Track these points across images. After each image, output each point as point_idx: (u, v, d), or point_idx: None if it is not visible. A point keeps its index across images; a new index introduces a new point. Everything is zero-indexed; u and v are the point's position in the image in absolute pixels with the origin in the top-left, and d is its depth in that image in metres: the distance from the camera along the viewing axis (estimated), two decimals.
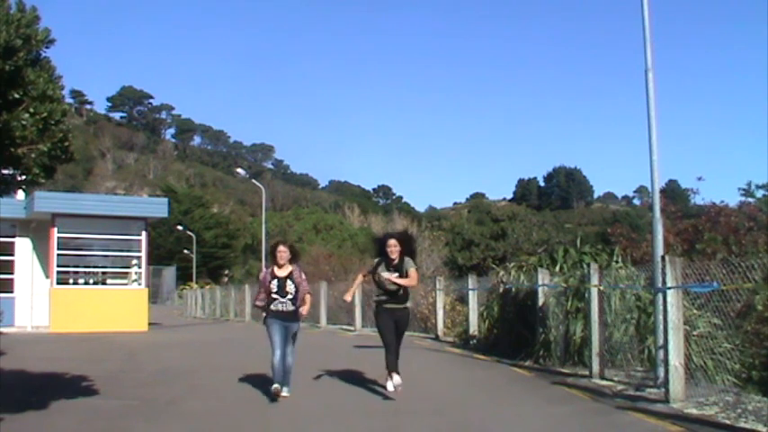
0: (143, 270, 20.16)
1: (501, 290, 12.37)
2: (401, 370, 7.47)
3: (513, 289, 11.88)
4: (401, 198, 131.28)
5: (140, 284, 20.20)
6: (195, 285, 50.87)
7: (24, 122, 5.44)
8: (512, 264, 12.95)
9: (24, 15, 5.44)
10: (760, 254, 9.42)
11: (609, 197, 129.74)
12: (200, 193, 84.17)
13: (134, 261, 20.46)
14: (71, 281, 20.08)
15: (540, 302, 10.50)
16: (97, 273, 20.83)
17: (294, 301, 7.59)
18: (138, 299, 19.95)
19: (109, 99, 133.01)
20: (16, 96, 5.45)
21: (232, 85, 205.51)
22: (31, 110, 5.49)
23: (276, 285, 7.60)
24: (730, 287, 7.05)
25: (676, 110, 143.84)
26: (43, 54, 5.72)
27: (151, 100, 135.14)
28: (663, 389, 7.08)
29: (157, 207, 21.81)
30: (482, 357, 11.61)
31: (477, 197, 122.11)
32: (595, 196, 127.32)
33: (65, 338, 16.17)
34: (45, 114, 5.53)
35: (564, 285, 10.37)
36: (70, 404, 7.25)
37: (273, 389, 7.21)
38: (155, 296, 43.79)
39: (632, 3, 8.11)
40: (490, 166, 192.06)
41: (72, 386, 8.36)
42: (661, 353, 7.21)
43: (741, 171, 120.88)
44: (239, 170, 50.60)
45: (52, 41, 5.67)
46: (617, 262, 10.48)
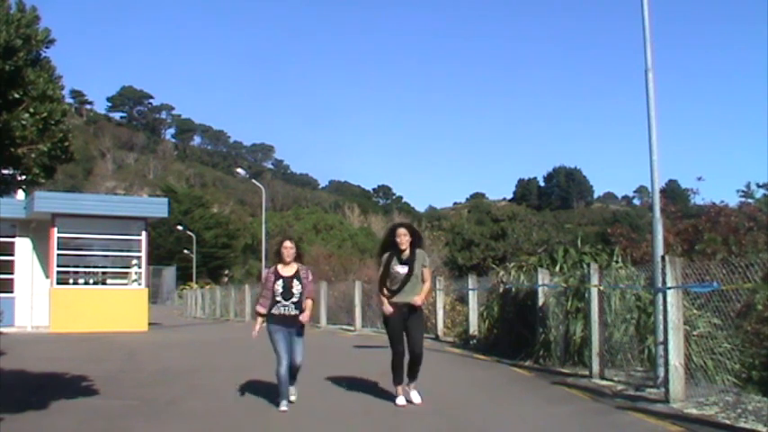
0: (143, 270, 20.17)
1: (501, 290, 12.37)
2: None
3: (513, 289, 11.88)
4: (401, 198, 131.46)
5: (140, 284, 20.21)
6: (195, 285, 50.88)
7: (24, 122, 5.44)
8: (512, 264, 12.95)
9: (24, 15, 5.44)
10: (760, 253, 9.41)
11: (609, 197, 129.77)
12: (200, 193, 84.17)
13: (134, 261, 20.47)
14: (71, 281, 20.08)
15: (540, 302, 10.50)
16: (97, 273, 20.84)
17: (299, 305, 6.92)
18: (138, 299, 19.96)
19: (109, 99, 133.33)
20: (16, 96, 5.45)
21: (232, 85, 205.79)
22: (31, 110, 5.49)
23: (281, 286, 6.92)
24: (730, 287, 7.05)
25: (676, 110, 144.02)
26: (43, 54, 5.72)
27: (151, 100, 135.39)
28: (663, 389, 7.07)
29: (157, 207, 21.82)
30: (482, 357, 11.61)
31: (477, 197, 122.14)
32: (595, 196, 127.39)
33: (65, 338, 16.17)
34: (45, 114, 5.53)
35: (564, 285, 10.36)
36: (70, 404, 7.25)
37: (281, 410, 6.73)
38: (155, 296, 43.79)
39: (632, 3, 8.12)
40: (490, 166, 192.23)
41: (72, 386, 8.37)
42: (661, 353, 7.20)
43: (741, 171, 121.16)
44: (239, 170, 50.61)
45: (52, 41, 5.67)
46: (617, 262, 10.48)
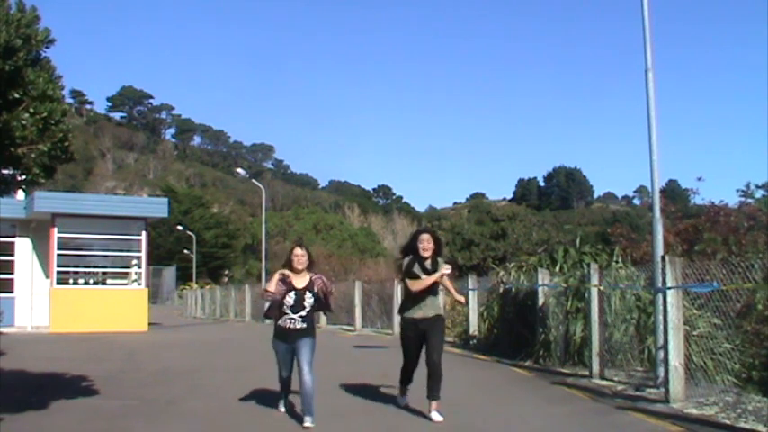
0: (143, 270, 20.17)
1: (501, 290, 12.38)
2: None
3: (513, 289, 11.88)
4: (401, 198, 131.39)
5: (140, 284, 20.20)
6: (195, 285, 50.88)
7: (24, 122, 5.44)
8: (512, 264, 12.96)
9: (24, 15, 5.44)
10: (760, 254, 9.42)
11: (609, 197, 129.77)
12: (200, 193, 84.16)
13: (134, 261, 20.47)
14: (71, 281, 20.08)
15: (540, 302, 10.50)
16: (97, 273, 20.83)
17: (307, 318, 6.34)
18: (138, 299, 19.96)
19: (109, 99, 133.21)
20: (16, 96, 5.45)
21: (232, 85, 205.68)
22: (31, 110, 5.49)
23: (293, 298, 6.32)
24: (730, 287, 7.05)
25: (676, 110, 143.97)
26: (43, 54, 5.72)
27: (151, 100, 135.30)
28: (663, 389, 7.08)
29: (157, 207, 21.82)
30: (482, 357, 11.62)
31: (477, 197, 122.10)
32: (595, 196, 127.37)
33: (65, 338, 16.18)
34: (45, 114, 5.53)
35: (564, 285, 10.37)
36: (70, 404, 7.25)
37: (279, 410, 6.60)
38: (155, 296, 43.81)
39: (632, 3, 8.12)
40: (490, 166, 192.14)
41: (72, 386, 8.37)
42: (661, 353, 7.20)
43: (741, 171, 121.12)
44: (239, 170, 50.56)
45: (52, 41, 5.67)
46: (617, 262, 10.48)
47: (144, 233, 20.15)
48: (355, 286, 19.50)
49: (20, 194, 17.29)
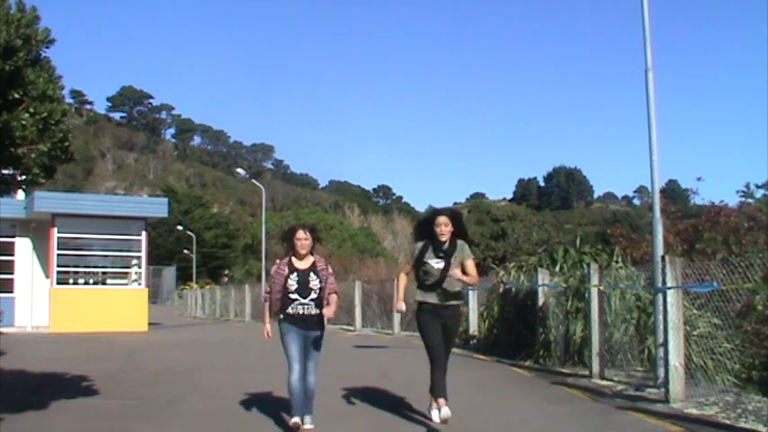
0: (143, 270, 20.17)
1: (501, 290, 12.37)
2: (401, 372, 7.11)
3: (513, 289, 11.88)
4: (401, 198, 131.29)
5: (140, 284, 20.21)
6: (195, 285, 50.89)
7: (24, 122, 5.44)
8: (512, 264, 12.96)
9: (24, 15, 5.45)
10: (760, 253, 9.41)
11: (609, 197, 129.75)
12: (200, 193, 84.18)
13: (134, 261, 20.48)
14: (71, 281, 20.09)
15: (540, 302, 10.50)
16: (97, 273, 20.84)
17: (318, 303, 5.81)
18: (138, 299, 19.96)
19: (109, 99, 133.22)
20: (16, 96, 5.45)
21: (232, 85, 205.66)
22: (31, 110, 5.49)
23: (296, 281, 5.77)
24: (730, 287, 7.05)
25: (676, 110, 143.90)
26: (43, 54, 5.72)
27: (151, 100, 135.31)
28: (663, 389, 7.07)
29: (157, 207, 21.83)
30: (482, 357, 11.61)
31: (477, 197, 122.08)
32: (595, 196, 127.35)
33: (65, 338, 16.18)
34: (45, 114, 5.53)
35: (564, 285, 10.37)
36: (70, 404, 7.25)
37: (292, 424, 5.77)
38: (155, 296, 43.81)
39: (632, 3, 8.11)
40: (490, 166, 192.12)
41: (72, 386, 8.37)
42: (661, 353, 7.20)
43: (741, 171, 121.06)
44: (239, 170, 50.57)
45: (52, 41, 5.68)
46: (617, 262, 10.49)
47: (144, 233, 20.16)
48: (355, 286, 19.50)
49: (20, 194, 17.31)
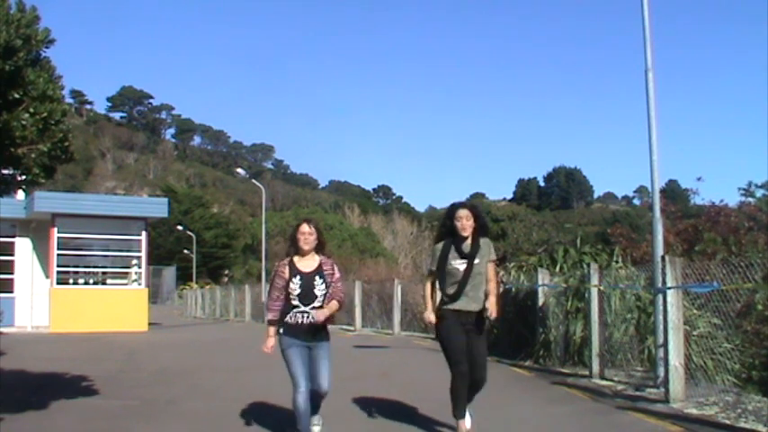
0: (143, 270, 20.17)
1: (501, 290, 12.37)
2: (401, 372, 7.02)
3: (513, 289, 11.88)
4: (401, 198, 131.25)
5: (140, 284, 20.20)
6: (195, 285, 50.90)
7: (24, 122, 5.44)
8: (512, 264, 12.95)
9: (24, 15, 5.44)
10: (760, 254, 9.42)
11: (609, 197, 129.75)
12: (200, 193, 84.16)
13: (134, 261, 20.47)
14: (71, 281, 20.08)
15: (540, 302, 10.50)
16: (97, 273, 20.83)
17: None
18: (138, 299, 19.96)
19: (109, 99, 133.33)
20: (16, 96, 5.45)
21: (232, 85, 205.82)
22: (31, 110, 5.49)
23: (299, 285, 5.13)
24: (730, 287, 7.05)
25: (676, 110, 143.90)
26: (43, 54, 5.72)
27: (151, 100, 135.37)
28: (663, 389, 7.07)
29: (157, 207, 21.83)
30: None
31: (477, 197, 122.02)
32: (595, 196, 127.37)
33: (65, 338, 16.17)
34: (45, 114, 5.53)
35: (564, 285, 10.37)
36: (70, 404, 7.25)
37: None
38: (155, 296, 43.81)
39: (632, 3, 8.11)
40: (490, 166, 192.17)
41: (72, 386, 8.36)
42: (661, 353, 7.20)
43: (741, 171, 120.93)
44: (239, 170, 50.58)
45: (52, 41, 5.67)
46: (617, 262, 10.49)
47: (144, 233, 20.15)
48: (355, 286, 19.50)
49: (20, 194, 17.32)
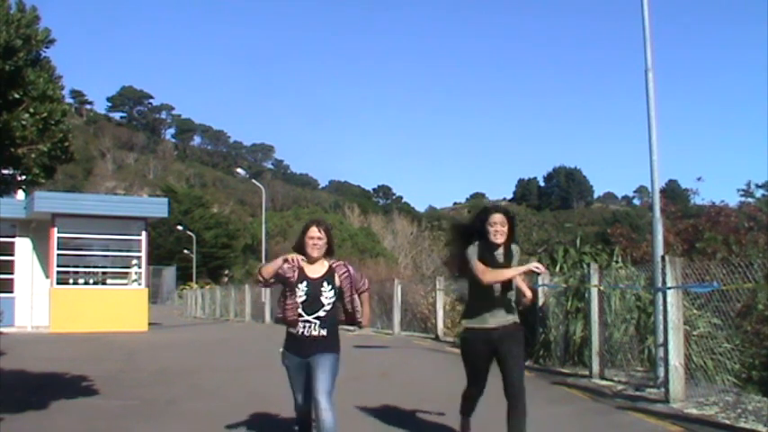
0: (143, 270, 20.16)
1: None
2: (401, 372, 7.04)
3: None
4: (401, 198, 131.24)
5: (140, 284, 20.20)
6: (195, 285, 50.88)
7: (24, 122, 5.45)
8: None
9: (24, 15, 5.45)
10: (760, 254, 9.42)
11: (609, 197, 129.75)
12: (200, 193, 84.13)
13: (134, 261, 20.46)
14: (71, 281, 20.07)
15: (540, 302, 10.49)
16: (97, 273, 20.83)
17: (327, 322, 4.64)
18: (138, 299, 19.95)
19: (109, 99, 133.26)
20: (16, 96, 5.46)
21: (232, 85, 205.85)
22: (31, 110, 5.49)
23: (305, 291, 4.52)
24: (730, 287, 7.05)
25: (676, 110, 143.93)
26: (43, 54, 5.73)
27: (151, 100, 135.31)
28: (663, 389, 7.07)
29: (157, 207, 21.83)
30: None
31: (477, 197, 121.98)
32: (595, 196, 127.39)
33: (65, 338, 16.17)
34: (45, 114, 5.53)
35: (564, 285, 10.37)
36: (70, 404, 7.25)
37: None
38: (155, 296, 43.79)
39: (632, 3, 8.11)
40: (490, 166, 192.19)
41: (72, 386, 8.36)
42: (661, 353, 7.20)
43: (741, 171, 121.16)
44: (239, 170, 50.66)
45: (52, 41, 5.68)
46: (617, 262, 10.48)
47: (144, 233, 20.15)
48: None
49: (20, 194, 17.30)
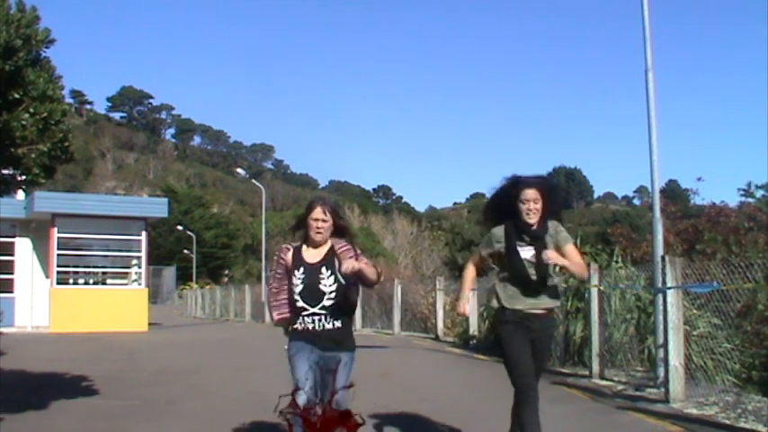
0: (143, 270, 20.17)
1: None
2: (401, 372, 7.03)
3: None
4: (401, 198, 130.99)
5: (140, 284, 20.20)
6: (195, 285, 50.88)
7: (24, 122, 5.45)
8: None
9: (24, 15, 5.45)
10: (760, 254, 9.42)
11: (609, 197, 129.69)
12: (200, 193, 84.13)
13: (134, 261, 20.47)
14: (71, 281, 20.08)
15: None
16: (97, 273, 20.84)
17: (337, 312, 3.94)
18: (138, 299, 19.96)
19: (109, 99, 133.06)
20: (16, 96, 5.46)
21: (232, 85, 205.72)
22: (31, 110, 5.50)
23: (302, 278, 3.95)
24: (730, 287, 7.05)
25: (676, 110, 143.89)
26: (43, 54, 5.73)
27: (151, 100, 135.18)
28: (663, 389, 7.07)
29: (157, 207, 21.83)
30: (482, 357, 11.62)
31: (477, 197, 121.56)
32: (595, 196, 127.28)
33: (65, 338, 16.17)
34: (45, 114, 5.54)
35: (564, 285, 10.36)
36: (70, 404, 7.25)
37: None
38: (155, 296, 43.78)
39: (632, 3, 8.11)
40: (490, 166, 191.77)
41: (72, 386, 8.36)
42: (661, 353, 7.20)
43: (741, 171, 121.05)
44: (239, 170, 50.59)
45: (52, 41, 5.68)
46: (617, 262, 10.48)
47: (144, 233, 20.15)
48: None
49: (20, 194, 17.30)
